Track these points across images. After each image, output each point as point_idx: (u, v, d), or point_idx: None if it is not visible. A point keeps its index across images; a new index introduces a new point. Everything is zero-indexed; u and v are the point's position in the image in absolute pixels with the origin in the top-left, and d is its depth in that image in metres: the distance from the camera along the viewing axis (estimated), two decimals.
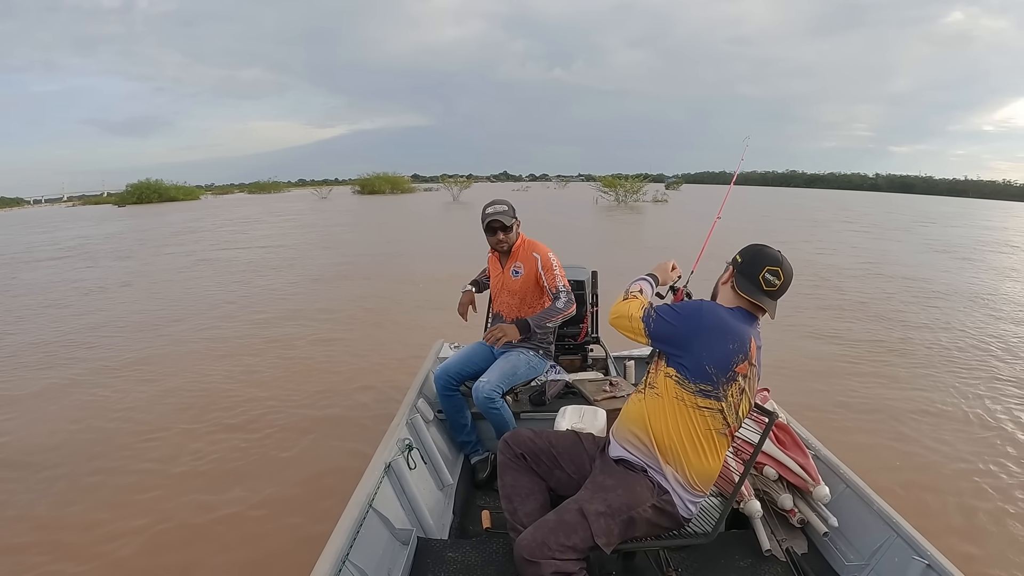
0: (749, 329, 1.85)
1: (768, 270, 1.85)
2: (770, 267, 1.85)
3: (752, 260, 1.89)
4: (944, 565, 1.88)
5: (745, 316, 1.88)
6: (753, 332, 1.86)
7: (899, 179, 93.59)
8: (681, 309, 1.89)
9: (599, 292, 3.93)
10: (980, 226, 26.42)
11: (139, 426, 4.51)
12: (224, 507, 3.41)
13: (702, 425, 1.82)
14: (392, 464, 2.52)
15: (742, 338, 1.81)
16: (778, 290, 1.86)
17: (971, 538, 3.16)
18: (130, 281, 11.06)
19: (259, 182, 68.02)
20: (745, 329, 1.84)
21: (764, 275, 1.85)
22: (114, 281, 11.10)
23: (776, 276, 1.85)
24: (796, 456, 2.44)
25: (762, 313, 1.91)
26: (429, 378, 3.63)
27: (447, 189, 45.64)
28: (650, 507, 1.84)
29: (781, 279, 1.85)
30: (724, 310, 1.87)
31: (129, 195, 43.84)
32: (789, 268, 1.88)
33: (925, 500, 3.51)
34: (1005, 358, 6.38)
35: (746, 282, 1.87)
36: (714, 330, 1.80)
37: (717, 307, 1.89)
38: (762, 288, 1.85)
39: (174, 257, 14.32)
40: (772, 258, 1.87)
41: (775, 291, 1.86)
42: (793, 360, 5.44)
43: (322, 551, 1.87)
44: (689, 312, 1.86)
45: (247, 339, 6.97)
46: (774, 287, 1.85)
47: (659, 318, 1.88)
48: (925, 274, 11.87)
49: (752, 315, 1.90)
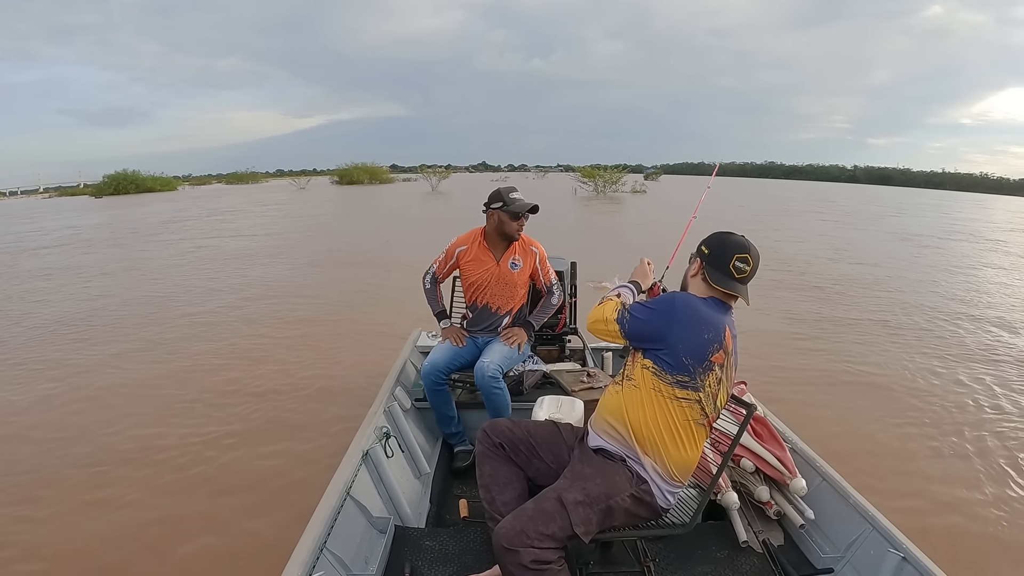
0: (723, 318, 1.87)
1: (738, 258, 1.87)
2: (739, 255, 1.88)
3: (720, 250, 1.91)
4: (919, 558, 1.92)
5: (718, 305, 1.90)
6: (727, 321, 1.88)
7: (877, 171, 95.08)
8: (654, 304, 1.90)
9: (577, 283, 3.93)
10: (950, 217, 27.19)
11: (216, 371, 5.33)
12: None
13: (680, 416, 1.84)
14: (370, 452, 2.52)
15: (717, 327, 1.83)
16: (748, 275, 1.89)
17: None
18: (134, 266, 11.50)
19: (237, 173, 67.85)
20: (719, 318, 1.85)
21: (734, 263, 1.87)
22: (117, 266, 11.50)
23: (745, 263, 1.87)
24: (773, 449, 2.47)
25: (735, 301, 1.93)
26: (407, 366, 3.64)
27: (426, 179, 45.52)
28: (628, 496, 1.86)
29: (751, 265, 1.88)
30: (697, 300, 1.89)
31: (106, 186, 43.10)
32: (756, 252, 1.91)
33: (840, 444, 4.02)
34: (939, 331, 7.13)
35: (717, 273, 1.89)
36: (688, 321, 1.82)
37: (690, 297, 1.90)
38: (734, 276, 1.88)
39: (170, 244, 14.59)
40: (740, 245, 1.90)
41: (746, 277, 1.89)
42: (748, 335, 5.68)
43: (299, 539, 1.88)
44: (662, 306, 1.87)
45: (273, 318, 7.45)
46: (745, 273, 1.88)
47: (632, 317, 1.89)
48: (880, 260, 12.61)
49: (725, 304, 1.92)
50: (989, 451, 4.07)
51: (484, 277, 3.24)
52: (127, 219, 22.74)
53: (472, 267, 3.24)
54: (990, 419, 4.57)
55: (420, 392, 3.46)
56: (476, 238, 3.26)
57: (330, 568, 1.89)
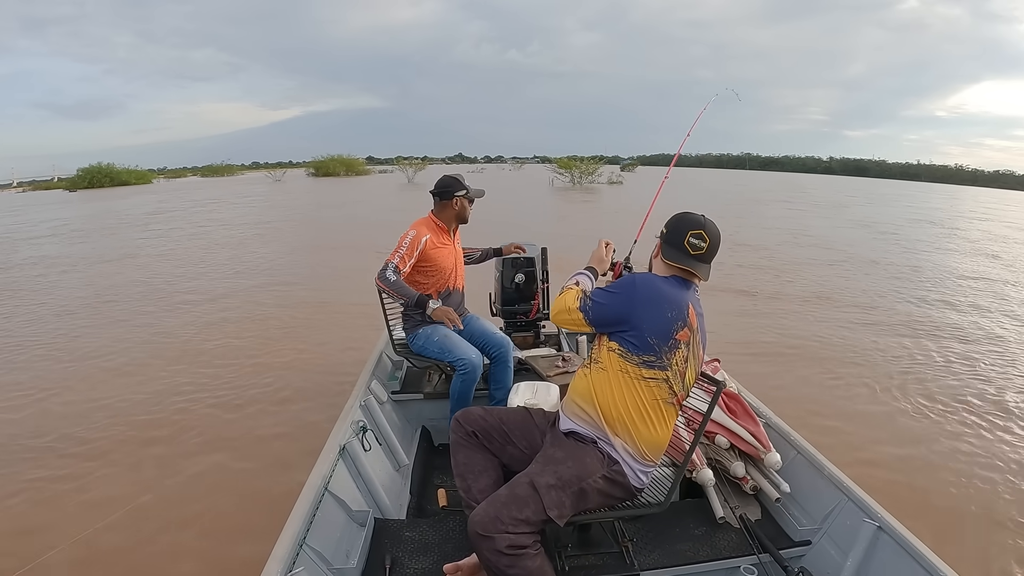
0: (686, 295, 1.89)
1: (692, 234, 1.89)
2: (693, 231, 1.90)
3: (676, 228, 1.93)
4: (894, 526, 1.97)
5: (680, 283, 1.92)
6: (690, 298, 1.90)
7: (853, 163, 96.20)
8: (614, 287, 1.93)
9: (548, 269, 3.96)
10: (917, 207, 28.10)
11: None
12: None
13: (648, 396, 1.86)
14: (346, 446, 2.52)
15: (679, 305, 1.85)
16: (706, 252, 1.91)
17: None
18: (133, 253, 12.09)
19: (212, 165, 68.23)
20: (681, 295, 1.88)
21: (689, 240, 1.89)
22: (116, 254, 12.12)
23: (700, 239, 1.89)
24: (747, 424, 2.51)
25: (697, 279, 1.95)
26: (383, 359, 3.67)
27: (402, 171, 45.73)
28: (600, 478, 1.87)
29: (707, 241, 1.90)
30: (658, 279, 1.91)
31: (80, 180, 42.87)
32: (714, 229, 1.92)
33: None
34: (879, 306, 8.05)
35: (672, 250, 1.92)
36: (650, 301, 1.84)
37: (650, 277, 1.92)
38: (689, 253, 1.89)
39: (162, 233, 15.23)
40: (695, 222, 1.92)
41: (703, 254, 1.90)
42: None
43: (279, 536, 1.88)
44: (623, 288, 1.90)
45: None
46: (701, 250, 1.90)
47: (595, 303, 1.92)
48: (837, 244, 13.63)
49: (687, 282, 1.94)
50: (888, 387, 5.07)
51: (450, 261, 3.31)
52: (112, 211, 22.97)
53: (440, 253, 3.26)
54: (901, 370, 5.52)
55: (396, 384, 3.49)
56: (431, 226, 3.28)
57: (310, 563, 1.89)
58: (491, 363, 3.29)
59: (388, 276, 3.07)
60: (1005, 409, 4.64)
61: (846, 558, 2.05)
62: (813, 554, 2.20)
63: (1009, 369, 5.59)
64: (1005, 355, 6.03)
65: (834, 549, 2.14)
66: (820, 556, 2.17)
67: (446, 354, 3.11)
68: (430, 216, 3.32)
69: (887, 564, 1.96)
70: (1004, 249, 14.35)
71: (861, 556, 2.02)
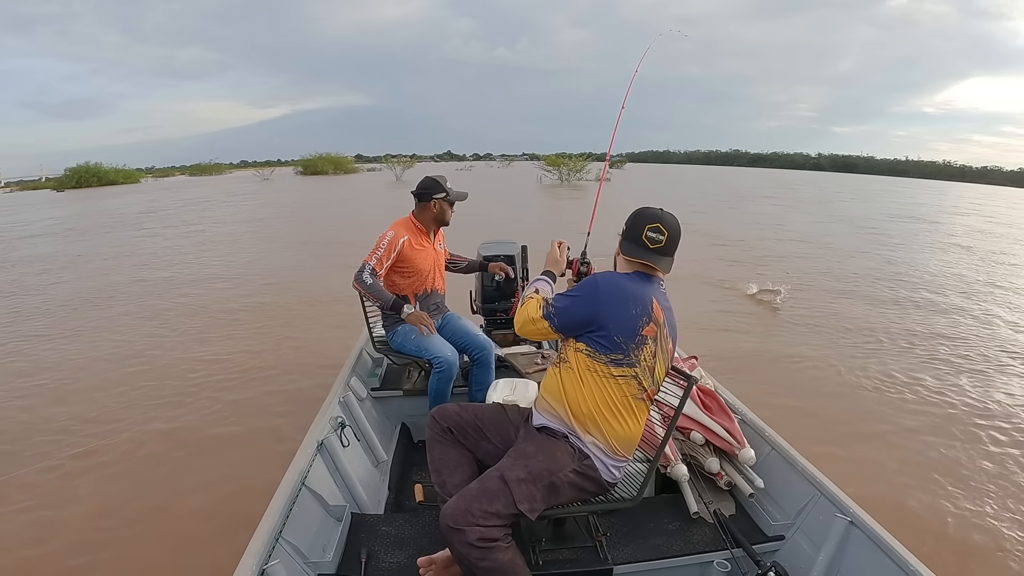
0: (649, 290, 1.90)
1: (649, 228, 1.90)
2: (651, 225, 1.91)
3: (633, 223, 1.95)
4: (865, 521, 2.00)
5: (642, 279, 1.93)
6: (654, 293, 1.91)
7: (841, 159, 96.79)
8: (576, 291, 1.95)
9: (528, 267, 3.97)
10: (901, 202, 28.57)
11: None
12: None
13: (618, 393, 1.88)
14: (324, 442, 2.54)
15: (642, 300, 1.86)
16: (666, 245, 1.91)
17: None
18: (129, 252, 12.20)
19: (200, 164, 67.88)
20: (644, 290, 1.89)
21: (647, 234, 1.90)
22: (114, 251, 12.32)
23: (658, 232, 1.90)
24: (722, 420, 2.54)
25: (658, 272, 1.96)
26: (362, 356, 3.69)
27: (390, 169, 45.70)
28: (572, 472, 1.89)
29: (665, 234, 1.90)
30: (620, 276, 1.93)
31: (68, 179, 42.44)
32: (672, 222, 1.93)
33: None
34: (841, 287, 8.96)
35: (631, 245, 1.93)
36: (614, 300, 1.86)
37: (611, 275, 1.94)
38: (648, 247, 1.91)
39: (161, 231, 15.46)
40: (652, 216, 1.93)
41: (663, 247, 1.91)
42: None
43: (255, 529, 1.89)
44: (585, 290, 1.91)
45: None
46: (660, 243, 1.90)
47: (558, 309, 1.93)
48: (810, 237, 14.37)
49: (650, 276, 1.95)
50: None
51: (429, 263, 3.31)
52: (103, 211, 22.94)
53: (418, 255, 3.26)
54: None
55: (376, 381, 3.51)
56: (409, 226, 3.28)
57: (286, 557, 1.90)
58: (472, 364, 3.31)
59: (364, 279, 3.11)
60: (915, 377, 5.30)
61: (818, 552, 2.08)
62: (786, 549, 2.22)
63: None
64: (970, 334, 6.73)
65: (807, 544, 2.16)
66: (793, 551, 2.20)
67: (424, 352, 3.14)
68: (410, 217, 3.31)
69: (859, 558, 1.99)
70: (978, 242, 14.93)
71: (833, 550, 2.05)
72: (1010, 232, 17.91)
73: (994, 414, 4.52)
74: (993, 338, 6.55)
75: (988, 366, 5.60)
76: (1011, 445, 4.05)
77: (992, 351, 6.06)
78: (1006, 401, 4.78)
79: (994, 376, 5.34)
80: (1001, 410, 4.60)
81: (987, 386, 5.09)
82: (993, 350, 6.10)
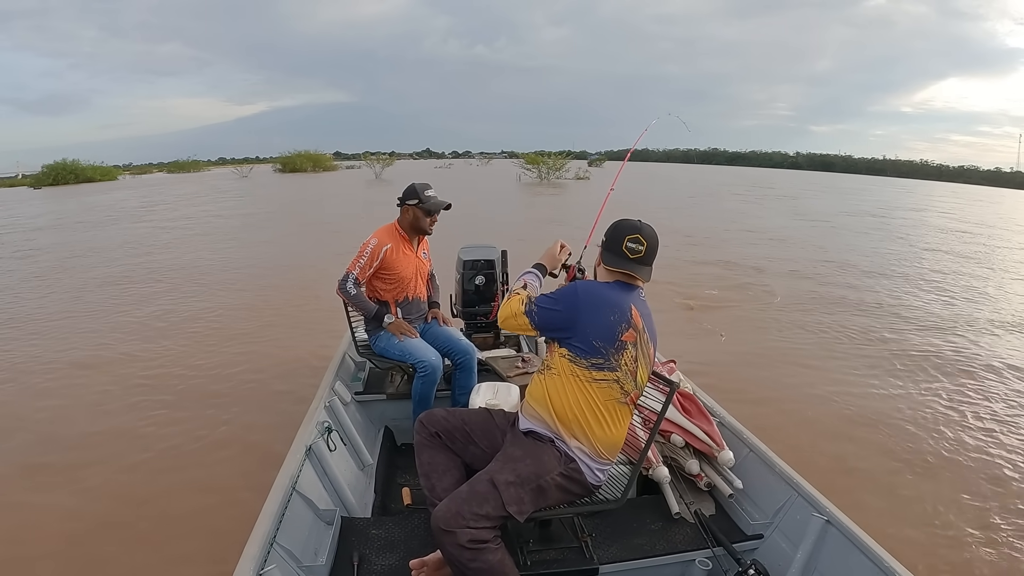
0: (628, 298, 1.99)
1: (629, 239, 2.00)
2: (630, 236, 2.00)
3: (613, 234, 2.04)
4: (841, 520, 2.10)
5: (623, 287, 2.02)
6: (633, 300, 2.00)
7: (819, 158, 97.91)
8: (558, 295, 2.02)
9: (508, 271, 4.04)
10: (868, 200, 29.64)
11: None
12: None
13: (601, 396, 1.96)
14: (312, 447, 2.59)
15: (621, 307, 1.95)
16: (645, 255, 2.01)
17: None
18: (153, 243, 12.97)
19: (178, 161, 67.69)
20: (623, 297, 1.98)
21: (626, 245, 1.99)
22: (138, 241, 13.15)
23: (638, 243, 1.99)
24: (701, 423, 2.63)
25: (638, 281, 2.05)
26: (346, 360, 3.74)
27: (369, 167, 45.56)
28: (558, 475, 1.96)
29: (644, 244, 2.00)
30: (600, 285, 2.02)
31: (45, 176, 41.93)
32: (651, 233, 2.03)
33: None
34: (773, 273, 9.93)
35: (612, 256, 2.02)
36: (592, 306, 1.94)
37: (592, 284, 2.03)
38: (628, 257, 2.00)
39: (165, 223, 16.29)
40: (631, 227, 2.02)
41: (642, 256, 2.00)
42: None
43: (250, 535, 1.94)
44: (566, 295, 2.00)
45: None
46: (640, 254, 2.00)
47: (540, 309, 2.01)
48: (765, 229, 15.60)
49: (630, 285, 2.04)
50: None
51: (410, 271, 3.36)
52: (96, 206, 23.18)
53: (400, 262, 3.31)
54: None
55: (360, 385, 3.56)
56: (393, 234, 3.32)
57: (281, 561, 1.95)
58: (455, 368, 3.36)
59: (348, 289, 3.23)
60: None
61: (796, 550, 2.17)
62: (765, 547, 2.31)
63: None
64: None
65: (785, 542, 2.26)
66: (772, 549, 2.29)
67: (407, 356, 3.20)
68: (395, 224, 3.36)
69: (835, 555, 2.08)
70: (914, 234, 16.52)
71: (811, 548, 2.14)
72: (959, 227, 19.03)
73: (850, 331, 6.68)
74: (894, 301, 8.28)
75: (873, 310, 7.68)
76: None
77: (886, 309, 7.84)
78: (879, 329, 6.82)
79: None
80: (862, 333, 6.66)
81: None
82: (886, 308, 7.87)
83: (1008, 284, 9.99)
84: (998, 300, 8.74)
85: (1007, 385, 5.21)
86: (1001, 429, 4.34)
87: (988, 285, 9.74)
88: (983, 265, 11.79)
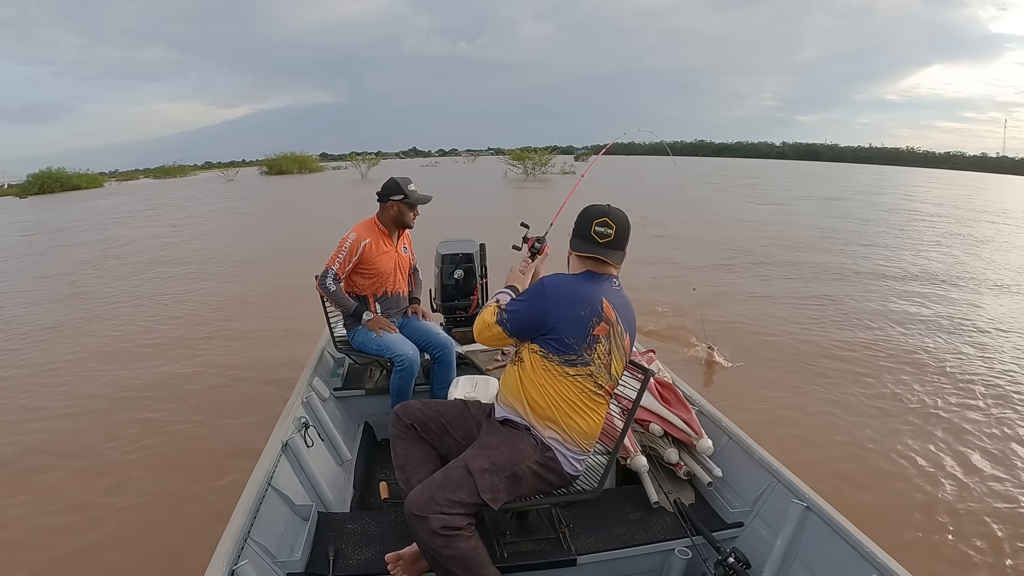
0: (597, 289, 1.96)
1: (597, 223, 1.97)
2: (598, 220, 1.97)
3: (581, 220, 2.01)
4: (821, 506, 2.11)
5: (592, 278, 2.00)
6: (603, 291, 1.97)
7: (805, 147, 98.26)
8: (526, 296, 2.02)
9: (487, 264, 4.05)
10: (840, 186, 30.70)
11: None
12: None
13: (574, 389, 1.95)
14: (289, 442, 2.59)
15: (591, 301, 1.93)
16: (615, 239, 1.98)
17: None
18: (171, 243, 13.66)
19: (164, 167, 67.79)
20: (592, 290, 1.95)
21: (595, 229, 1.97)
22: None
23: (606, 226, 1.97)
24: (679, 412, 2.63)
25: (611, 268, 2.03)
26: (324, 356, 3.73)
27: (355, 167, 45.69)
28: (534, 463, 1.96)
29: (613, 227, 1.97)
30: (568, 278, 2.00)
31: (31, 185, 41.59)
32: (620, 216, 2.00)
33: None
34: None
35: (580, 241, 2.00)
36: (561, 301, 1.92)
37: (559, 277, 2.01)
38: (597, 242, 1.97)
39: (180, 221, 17.43)
40: (598, 211, 2.00)
41: (612, 240, 1.98)
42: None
43: (223, 531, 1.93)
44: (534, 294, 1.98)
45: None
46: (609, 237, 1.97)
47: (510, 314, 2.00)
48: (724, 213, 17.32)
49: (600, 275, 2.01)
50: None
51: (389, 265, 3.36)
52: (97, 211, 23.44)
53: (379, 257, 3.31)
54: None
55: (338, 381, 3.56)
56: (373, 229, 3.32)
57: (255, 556, 1.94)
58: (434, 363, 3.36)
59: (328, 285, 3.25)
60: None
61: (776, 537, 2.17)
62: (745, 535, 2.32)
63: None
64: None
65: (765, 529, 2.26)
66: (752, 536, 2.29)
67: (385, 350, 3.19)
68: (374, 218, 3.36)
69: (815, 542, 2.08)
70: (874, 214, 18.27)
71: (791, 535, 2.14)
72: (920, 208, 20.87)
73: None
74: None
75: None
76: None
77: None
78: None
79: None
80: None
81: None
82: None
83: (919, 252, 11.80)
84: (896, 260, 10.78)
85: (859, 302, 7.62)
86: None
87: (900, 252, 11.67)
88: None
